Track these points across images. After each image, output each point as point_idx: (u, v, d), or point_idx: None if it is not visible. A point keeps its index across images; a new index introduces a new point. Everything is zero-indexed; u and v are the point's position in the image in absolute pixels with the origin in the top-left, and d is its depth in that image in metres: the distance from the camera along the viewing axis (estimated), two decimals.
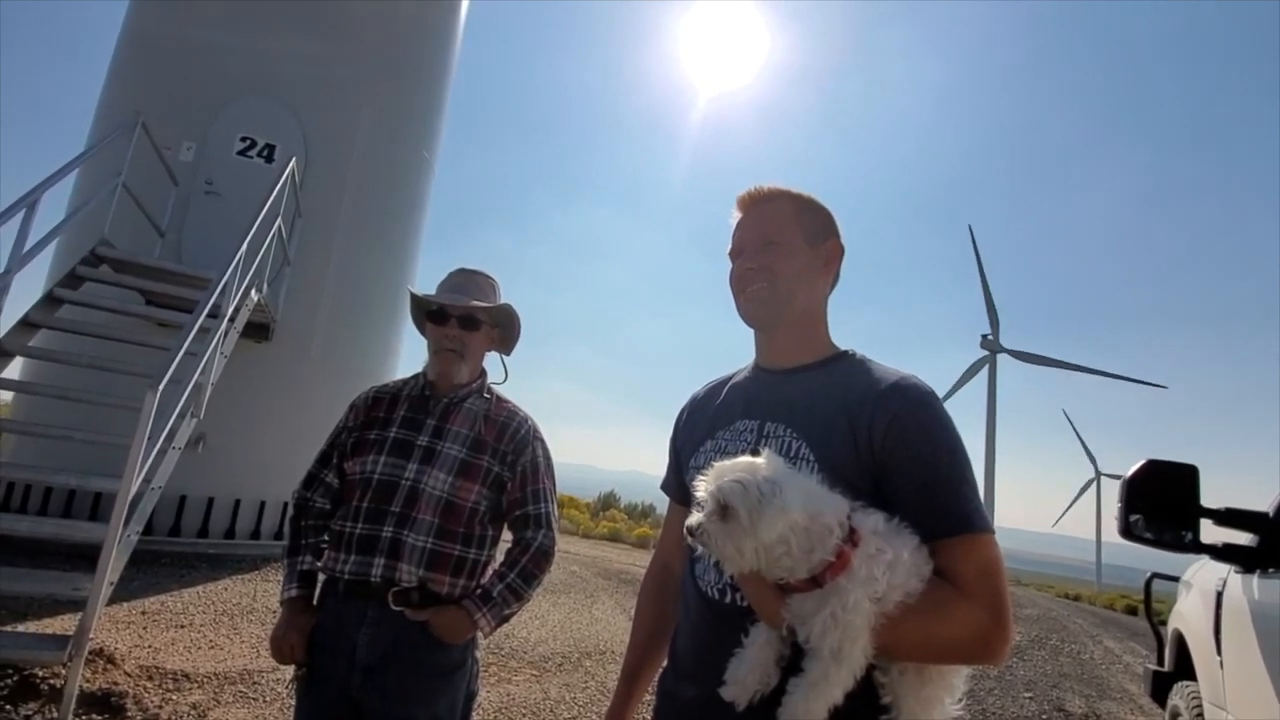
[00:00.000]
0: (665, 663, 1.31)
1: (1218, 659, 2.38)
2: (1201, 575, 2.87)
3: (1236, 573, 2.34)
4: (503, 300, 1.93)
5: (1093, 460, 58.98)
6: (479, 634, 1.73)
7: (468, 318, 1.83)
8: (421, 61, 9.10)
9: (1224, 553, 2.22)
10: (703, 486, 0.98)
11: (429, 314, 1.86)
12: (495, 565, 1.84)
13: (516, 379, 2.00)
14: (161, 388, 3.33)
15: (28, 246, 4.20)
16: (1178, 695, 2.91)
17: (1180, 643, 3.02)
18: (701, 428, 1.31)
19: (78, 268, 4.94)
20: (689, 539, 0.97)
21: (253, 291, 5.69)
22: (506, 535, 1.89)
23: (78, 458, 5.57)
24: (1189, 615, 2.90)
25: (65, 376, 5.30)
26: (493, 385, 1.95)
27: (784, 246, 1.22)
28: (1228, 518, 2.14)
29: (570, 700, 4.27)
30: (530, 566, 1.78)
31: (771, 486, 0.91)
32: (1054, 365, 44.49)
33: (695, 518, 0.96)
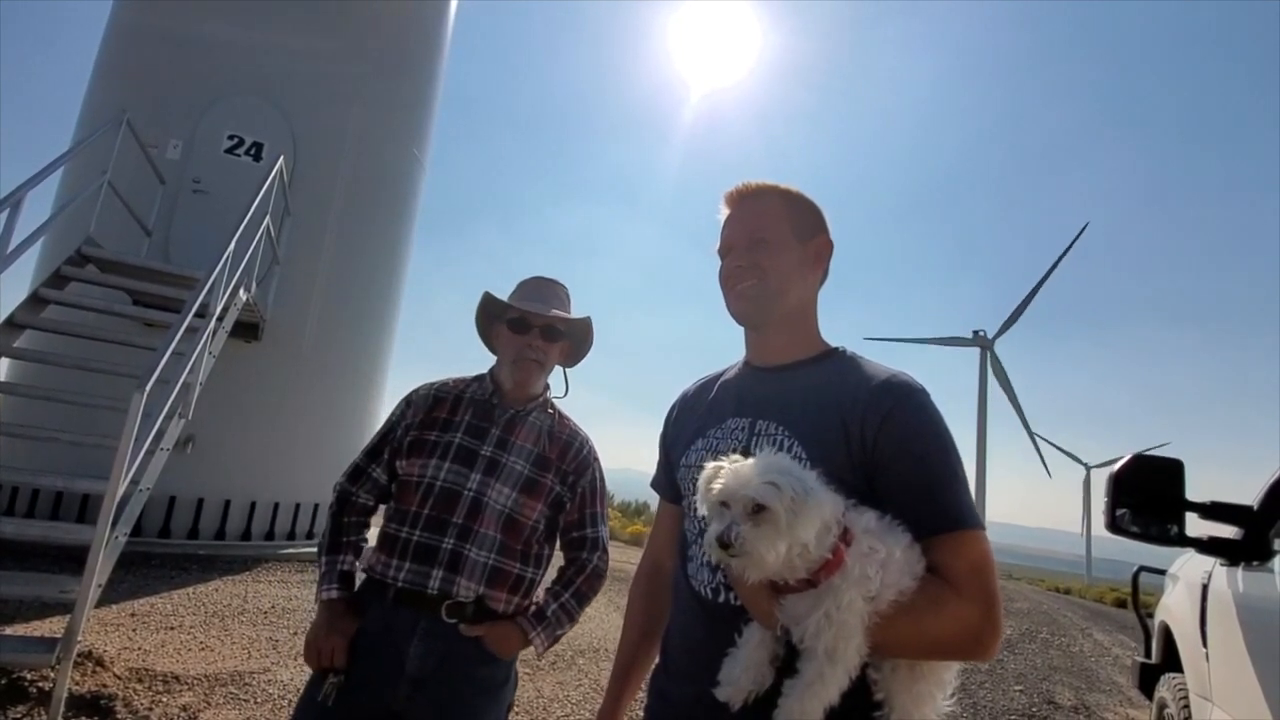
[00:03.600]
0: (657, 661, 1.30)
1: (1203, 651, 2.40)
2: (1188, 568, 2.88)
3: (1221, 565, 2.36)
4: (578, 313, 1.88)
5: (1113, 460, 59.53)
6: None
7: (550, 329, 1.77)
8: (411, 59, 9.06)
9: (1209, 546, 2.23)
10: (717, 490, 0.95)
11: (509, 322, 1.78)
12: (546, 584, 1.82)
13: None
14: (148, 388, 3.30)
15: (11, 246, 4.16)
16: (1165, 687, 2.94)
17: (1167, 635, 3.05)
18: (692, 426, 1.30)
19: (63, 267, 4.89)
20: (717, 550, 0.92)
21: (241, 291, 5.65)
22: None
23: (65, 459, 5.53)
24: (1175, 608, 2.93)
25: (51, 377, 5.26)
26: (555, 400, 1.90)
27: (773, 243, 1.20)
28: (1213, 511, 2.15)
29: (564, 698, 4.27)
30: (584, 588, 1.77)
31: (803, 485, 0.90)
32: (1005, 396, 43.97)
33: (720, 525, 0.92)
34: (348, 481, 1.77)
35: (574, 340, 1.91)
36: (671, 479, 1.35)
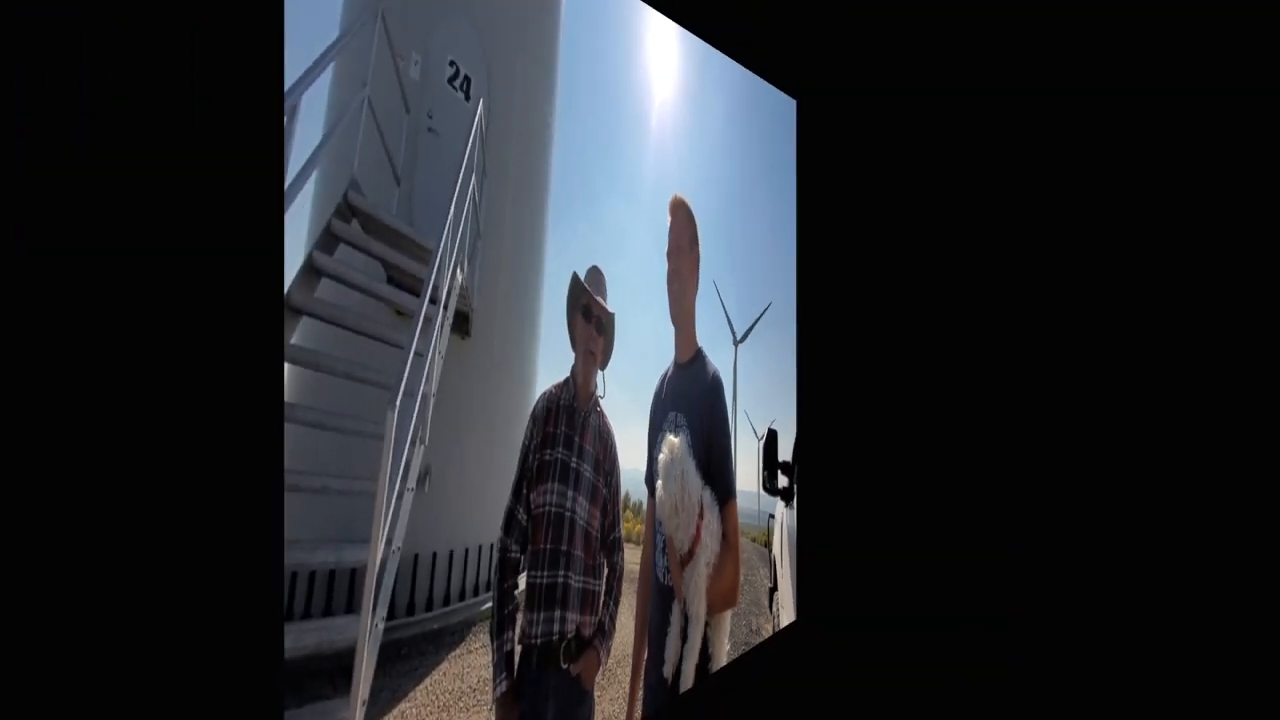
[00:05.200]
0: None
1: (781, 569, 3.10)
2: (778, 508, 3.76)
3: (784, 506, 3.16)
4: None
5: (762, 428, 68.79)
6: None
7: (600, 321, 1.68)
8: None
9: (783, 494, 2.97)
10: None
11: (583, 309, 1.63)
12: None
13: None
14: (399, 401, 1.99)
15: (290, 177, 2.37)
16: (776, 602, 3.75)
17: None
18: (658, 420, 1.63)
19: (333, 222, 3.18)
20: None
21: (458, 270, 3.90)
22: None
23: (321, 515, 3.35)
24: (774, 539, 3.83)
25: (314, 390, 3.56)
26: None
27: (685, 253, 1.52)
28: (782, 467, 2.76)
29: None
30: (618, 593, 1.63)
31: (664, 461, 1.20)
32: None
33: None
34: (504, 534, 1.54)
35: (607, 338, 1.73)
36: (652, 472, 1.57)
